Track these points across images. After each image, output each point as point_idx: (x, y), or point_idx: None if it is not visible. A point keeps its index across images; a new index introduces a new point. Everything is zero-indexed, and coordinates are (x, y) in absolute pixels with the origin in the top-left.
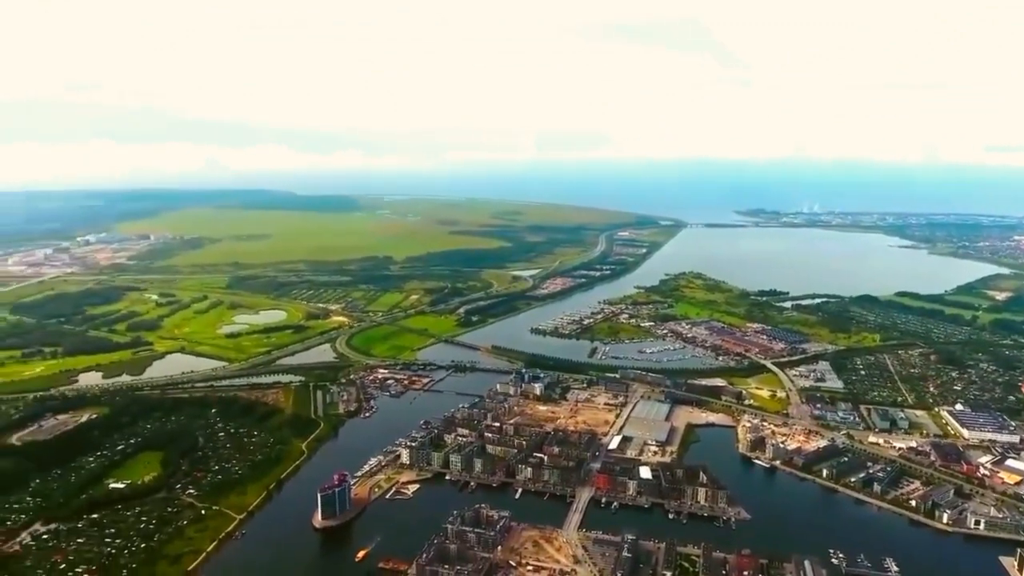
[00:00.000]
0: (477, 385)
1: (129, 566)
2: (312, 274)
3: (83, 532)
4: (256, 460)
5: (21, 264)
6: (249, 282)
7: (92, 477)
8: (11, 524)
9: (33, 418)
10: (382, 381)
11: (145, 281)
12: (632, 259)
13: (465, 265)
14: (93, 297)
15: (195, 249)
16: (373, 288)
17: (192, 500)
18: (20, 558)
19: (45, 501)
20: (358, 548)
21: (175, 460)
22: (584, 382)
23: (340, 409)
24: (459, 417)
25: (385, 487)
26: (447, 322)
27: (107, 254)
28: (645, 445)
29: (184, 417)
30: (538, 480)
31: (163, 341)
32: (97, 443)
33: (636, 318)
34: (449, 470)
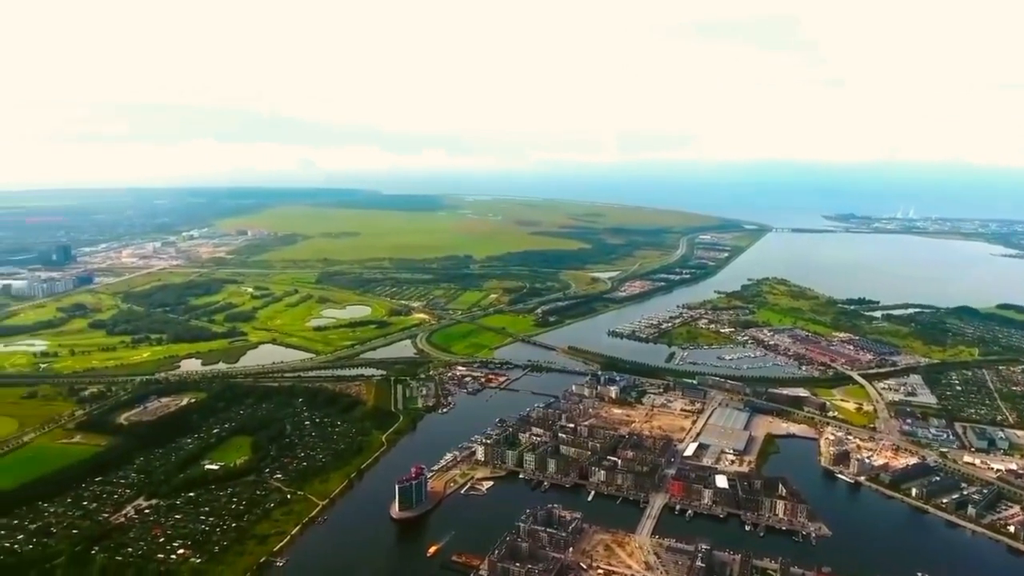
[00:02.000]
0: (553, 385)
1: (221, 543)
2: (396, 271)
3: (180, 509)
4: (339, 449)
5: (133, 256)
6: (337, 278)
7: (190, 458)
8: (117, 498)
9: (139, 400)
10: (460, 378)
11: (242, 275)
12: (713, 263)
13: (544, 265)
14: (195, 289)
15: (288, 245)
16: (454, 286)
17: (279, 484)
18: (125, 530)
19: (147, 478)
20: (430, 543)
21: (265, 445)
22: (660, 387)
23: (419, 404)
24: (534, 416)
25: (460, 482)
26: (525, 322)
27: (209, 248)
28: (722, 453)
29: (274, 405)
30: (612, 483)
31: (257, 332)
32: (195, 426)
33: (716, 324)
34: (523, 469)
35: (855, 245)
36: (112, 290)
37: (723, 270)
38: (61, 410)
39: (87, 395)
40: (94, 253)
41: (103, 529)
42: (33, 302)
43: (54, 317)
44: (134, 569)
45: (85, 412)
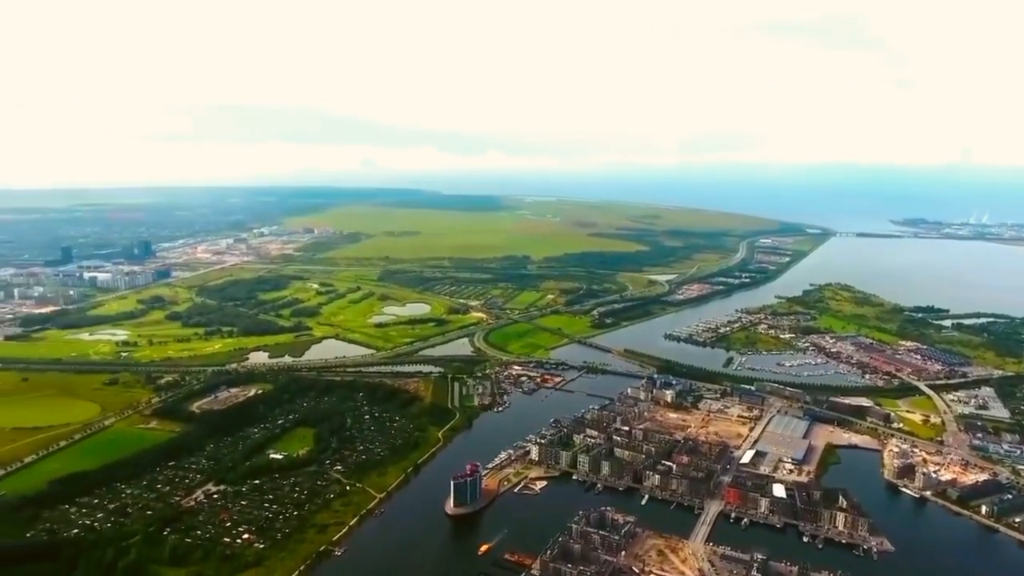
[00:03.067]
0: (608, 387)
1: (283, 531)
2: (455, 270)
3: (246, 496)
4: (396, 444)
5: (208, 252)
6: (398, 276)
7: (255, 447)
8: (189, 483)
9: (210, 389)
10: (516, 377)
11: (308, 271)
12: (774, 267)
13: (601, 267)
14: (264, 284)
15: (352, 243)
16: (511, 286)
17: (339, 476)
18: (195, 513)
19: (216, 465)
20: (482, 542)
21: (326, 437)
22: (718, 392)
23: (475, 402)
24: (589, 418)
25: (514, 481)
26: (581, 323)
27: (277, 245)
28: (780, 462)
29: (335, 398)
30: (666, 488)
31: (321, 327)
32: (261, 416)
33: (776, 329)
34: (576, 470)
35: (924, 251)
36: (188, 284)
37: (784, 274)
38: (139, 397)
39: (163, 383)
40: (172, 248)
41: (175, 511)
42: (116, 294)
43: (135, 309)
44: (202, 551)
45: (161, 399)
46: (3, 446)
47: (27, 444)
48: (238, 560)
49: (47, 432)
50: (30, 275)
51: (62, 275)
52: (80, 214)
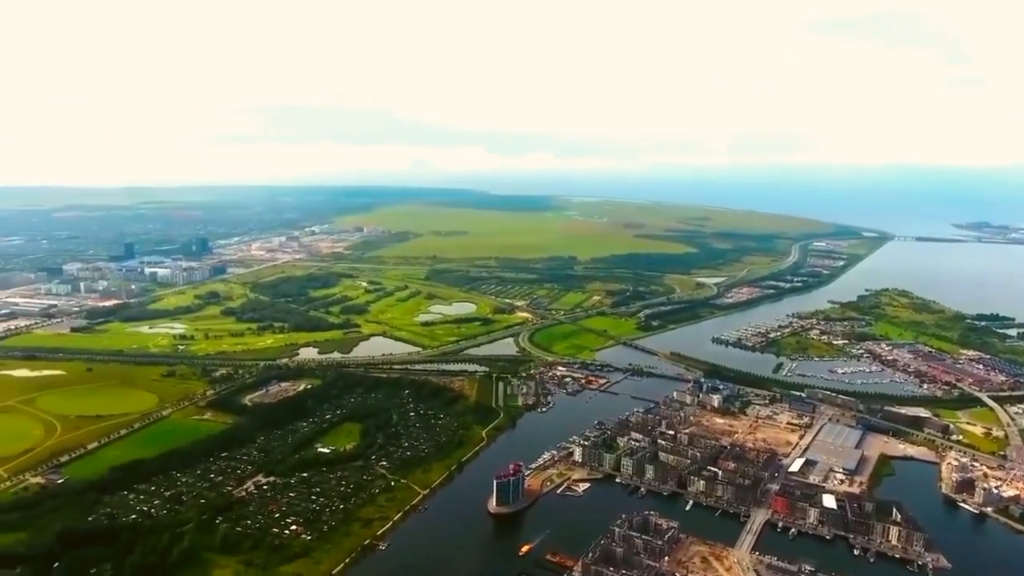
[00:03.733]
0: (653, 390)
1: (329, 523)
2: (501, 270)
3: (294, 488)
4: (440, 441)
5: (261, 249)
6: (445, 275)
7: (304, 440)
8: (240, 473)
9: (262, 383)
10: (560, 378)
11: (357, 269)
12: (827, 272)
13: (648, 269)
14: (314, 281)
15: (400, 242)
16: (557, 287)
17: (384, 471)
18: (245, 503)
19: (267, 456)
20: (523, 542)
21: (372, 433)
22: (766, 398)
23: (519, 402)
24: (633, 421)
25: (557, 482)
26: (627, 325)
27: (328, 244)
28: (831, 472)
29: (382, 395)
30: (711, 494)
31: (369, 324)
32: (310, 410)
33: (828, 335)
34: (620, 473)
35: (988, 256)
36: (242, 280)
37: (838, 279)
38: (195, 389)
39: (217, 376)
40: (227, 245)
41: (227, 501)
42: (175, 288)
43: (192, 303)
44: (252, 540)
45: (215, 392)
46: (68, 433)
47: (90, 432)
48: (286, 551)
49: (109, 421)
50: (95, 270)
51: (125, 270)
52: (143, 212)
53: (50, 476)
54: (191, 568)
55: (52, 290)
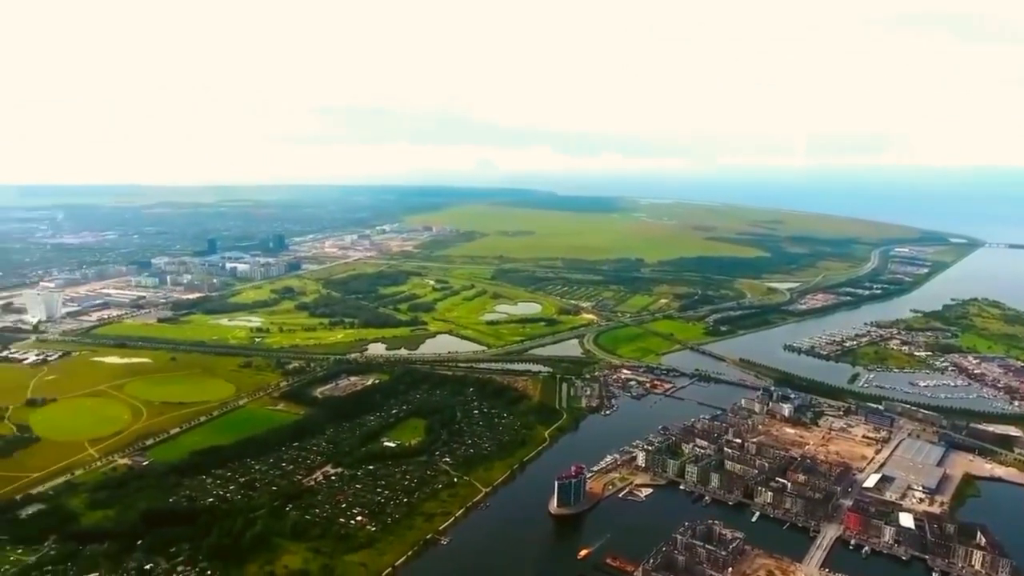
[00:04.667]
0: (720, 397)
1: (393, 516)
2: (567, 271)
3: (360, 479)
4: (503, 440)
5: (334, 247)
6: (511, 275)
7: (371, 433)
8: (310, 463)
9: (332, 377)
10: (624, 381)
11: (425, 268)
12: (910, 279)
13: (718, 272)
14: (384, 279)
15: (468, 241)
16: (623, 289)
17: (447, 467)
18: (314, 492)
19: (335, 448)
20: (582, 546)
21: (437, 429)
22: (840, 409)
23: (583, 403)
24: (699, 428)
25: (619, 486)
26: (694, 329)
27: (398, 242)
28: (909, 490)
29: (447, 392)
30: (779, 506)
31: (435, 322)
32: (377, 405)
33: (910, 345)
34: (684, 480)
35: None
36: (315, 276)
37: (921, 287)
38: (269, 380)
39: (291, 368)
40: (302, 242)
41: (297, 489)
42: (253, 283)
43: (268, 298)
44: (319, 529)
45: (288, 384)
46: (153, 418)
47: (173, 417)
48: (352, 540)
49: (190, 407)
50: (181, 264)
51: (208, 265)
52: (225, 209)
53: (136, 458)
54: (262, 552)
55: (141, 282)
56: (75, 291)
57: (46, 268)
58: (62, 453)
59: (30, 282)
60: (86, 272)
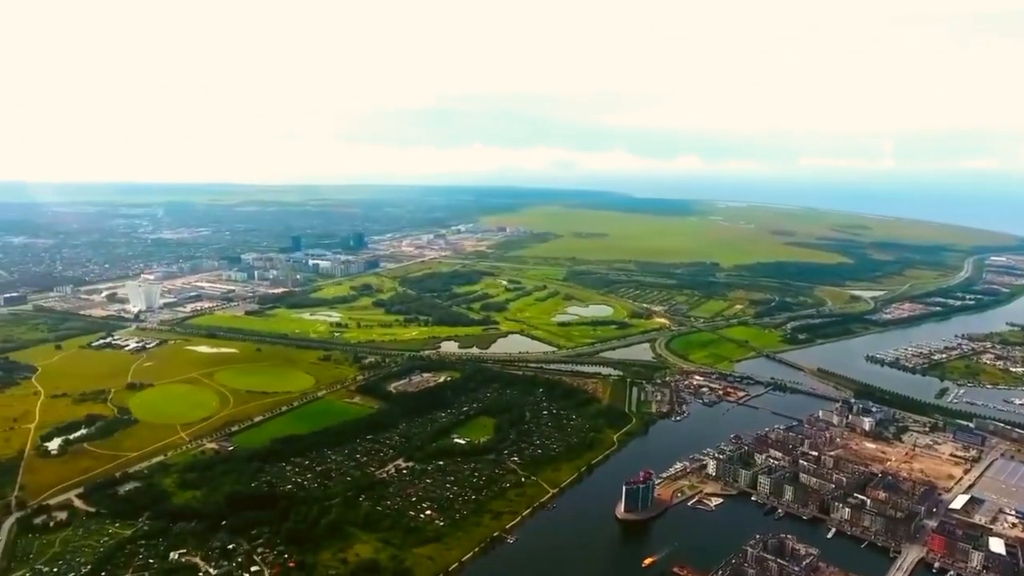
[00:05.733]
0: (796, 407)
1: (461, 512)
2: (640, 274)
3: (430, 474)
4: (571, 442)
5: (411, 246)
6: (583, 276)
7: (442, 430)
8: (382, 456)
9: (406, 373)
10: (696, 388)
11: (498, 268)
12: (1007, 290)
13: (797, 278)
14: (458, 278)
15: (541, 242)
16: (697, 293)
17: (515, 467)
18: (386, 484)
19: (407, 442)
20: (647, 554)
21: (506, 428)
22: (926, 425)
23: (653, 408)
24: (773, 438)
25: (688, 494)
26: (771, 336)
27: (472, 242)
28: (1001, 513)
29: (516, 392)
30: (857, 524)
31: (507, 322)
32: (448, 402)
33: (1005, 360)
34: (756, 491)
35: None
36: (392, 274)
37: (1019, 299)
38: (347, 374)
39: (367, 363)
40: (381, 241)
41: (369, 481)
42: (333, 280)
43: (347, 294)
44: (390, 520)
45: (364, 378)
46: (238, 406)
47: (257, 406)
48: (420, 533)
49: (272, 397)
50: (267, 260)
51: (292, 261)
52: (310, 208)
53: (222, 443)
54: (335, 540)
55: (231, 277)
56: (172, 283)
57: (147, 262)
58: (157, 435)
59: (132, 274)
60: (182, 266)
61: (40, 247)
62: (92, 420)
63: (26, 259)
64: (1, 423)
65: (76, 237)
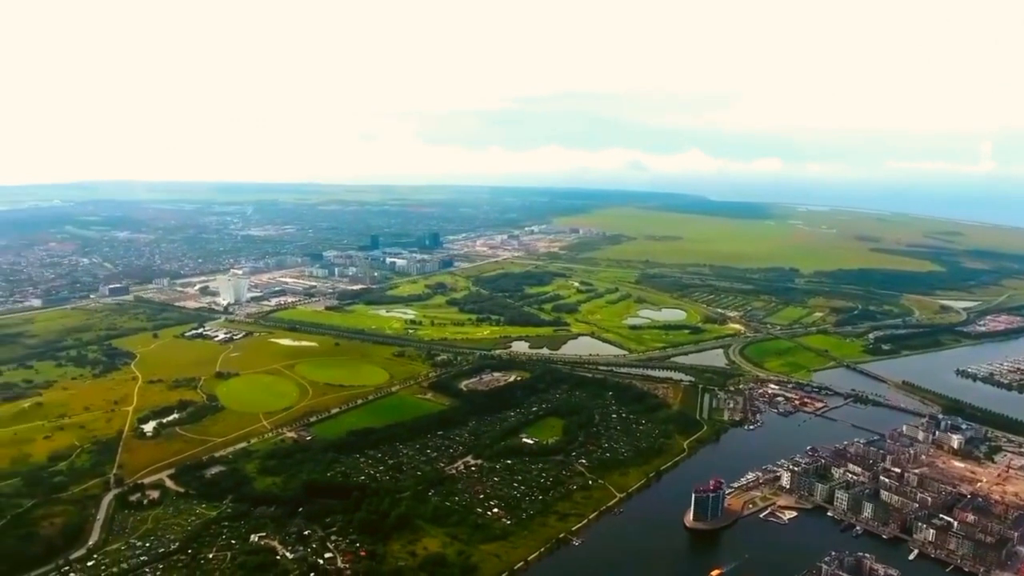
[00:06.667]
0: (877, 421)
1: (527, 511)
2: (715, 279)
3: (498, 473)
4: (640, 447)
5: (485, 246)
6: (656, 279)
7: (510, 429)
8: (452, 452)
9: (477, 371)
10: (771, 396)
11: (570, 269)
12: None
13: (882, 287)
14: (530, 279)
15: (614, 245)
16: (774, 299)
17: (582, 469)
18: (455, 480)
19: (476, 440)
20: (715, 565)
21: (574, 430)
22: (1022, 445)
23: (725, 416)
24: (852, 452)
25: (760, 505)
26: (852, 346)
27: (545, 243)
28: None
29: (586, 394)
30: (942, 546)
31: (578, 324)
32: (518, 401)
33: None
34: (833, 507)
35: None
36: (466, 274)
37: None
38: (419, 370)
39: (439, 360)
40: (455, 240)
41: (439, 476)
42: (409, 278)
43: (422, 292)
44: (458, 516)
45: (436, 375)
46: (317, 397)
47: (334, 398)
48: (487, 531)
49: (349, 390)
50: (347, 257)
51: (370, 259)
52: (388, 207)
53: (301, 432)
54: (405, 532)
55: (313, 273)
56: (258, 278)
57: (236, 257)
58: (241, 422)
59: (223, 269)
60: (268, 262)
61: (142, 242)
62: (184, 406)
63: (129, 253)
64: (104, 405)
65: (174, 233)
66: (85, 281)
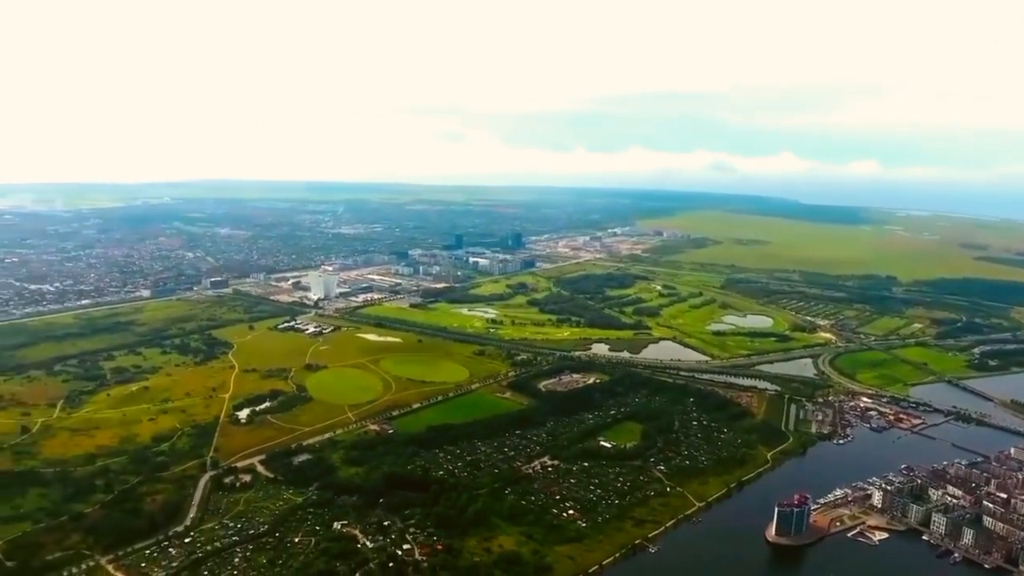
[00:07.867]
0: (981, 442)
1: (603, 515)
2: (805, 285)
3: (575, 475)
4: (721, 456)
5: (567, 247)
6: (741, 285)
7: (588, 431)
8: (529, 452)
9: (556, 372)
10: (863, 411)
11: (653, 272)
12: None
13: (989, 297)
14: (612, 281)
15: (698, 248)
16: (869, 308)
17: (660, 475)
18: (531, 480)
19: (553, 441)
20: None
21: (653, 435)
22: None
23: (812, 428)
24: (952, 473)
25: (848, 524)
26: (954, 361)
27: (628, 245)
28: None
29: (666, 399)
30: None
31: (659, 328)
32: (596, 404)
33: None
34: (929, 531)
35: None
36: (547, 275)
37: None
38: (499, 369)
39: (519, 360)
40: (537, 241)
41: (516, 475)
42: (491, 277)
43: (503, 292)
44: (533, 516)
45: (515, 374)
46: (400, 392)
47: (416, 394)
48: (562, 532)
49: (430, 386)
50: (431, 256)
51: (454, 258)
52: (472, 207)
53: (384, 425)
54: (481, 528)
55: (399, 271)
56: (347, 275)
57: (326, 254)
58: (328, 413)
59: (314, 265)
60: (356, 259)
61: (240, 238)
62: (275, 395)
63: (229, 248)
64: (203, 391)
65: (270, 230)
66: (189, 274)
